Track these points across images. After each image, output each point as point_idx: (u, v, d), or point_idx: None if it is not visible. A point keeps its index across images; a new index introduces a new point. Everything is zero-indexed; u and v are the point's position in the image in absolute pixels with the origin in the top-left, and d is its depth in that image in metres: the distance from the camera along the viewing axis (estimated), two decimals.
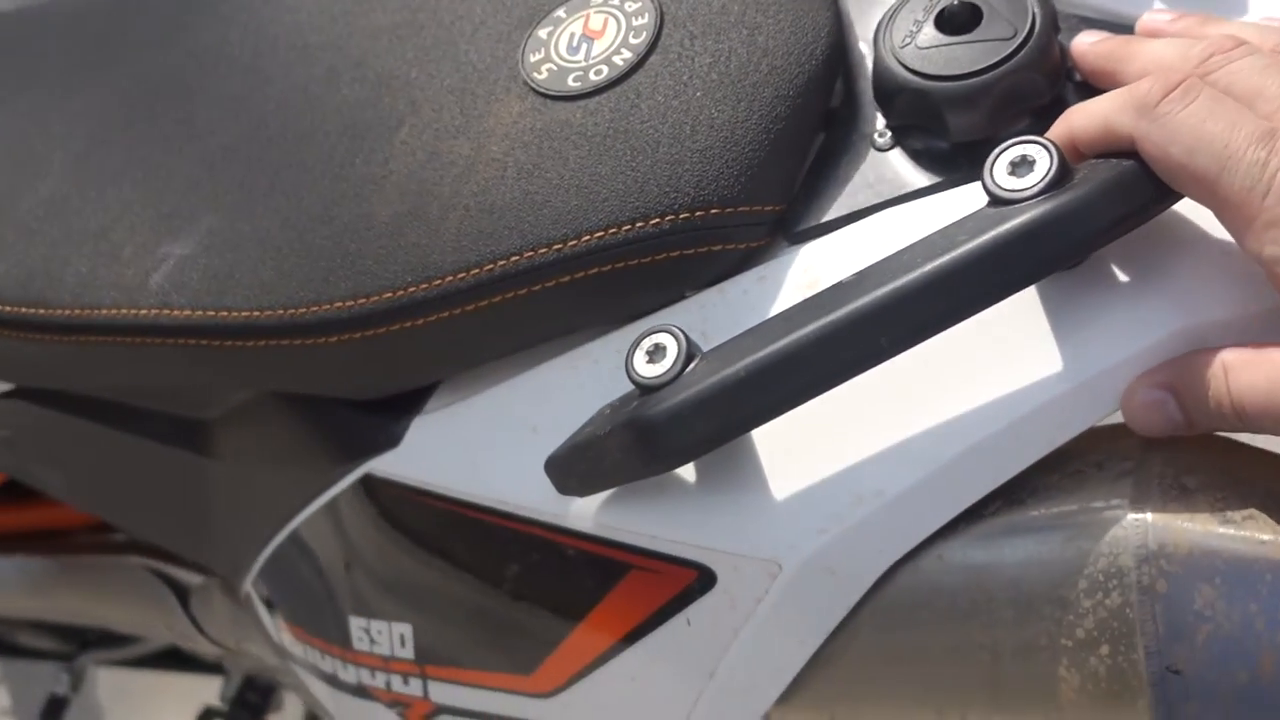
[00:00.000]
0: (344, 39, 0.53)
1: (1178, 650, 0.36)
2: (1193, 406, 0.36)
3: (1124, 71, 0.39)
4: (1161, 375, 0.37)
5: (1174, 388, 0.37)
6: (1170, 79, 0.36)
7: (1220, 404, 0.36)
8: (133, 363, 0.53)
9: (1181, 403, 0.37)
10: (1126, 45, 0.40)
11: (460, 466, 0.48)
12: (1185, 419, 0.37)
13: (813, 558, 0.41)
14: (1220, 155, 0.34)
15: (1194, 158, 0.34)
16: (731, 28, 0.45)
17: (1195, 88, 0.35)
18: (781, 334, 0.38)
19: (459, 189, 0.45)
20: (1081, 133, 0.37)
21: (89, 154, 0.55)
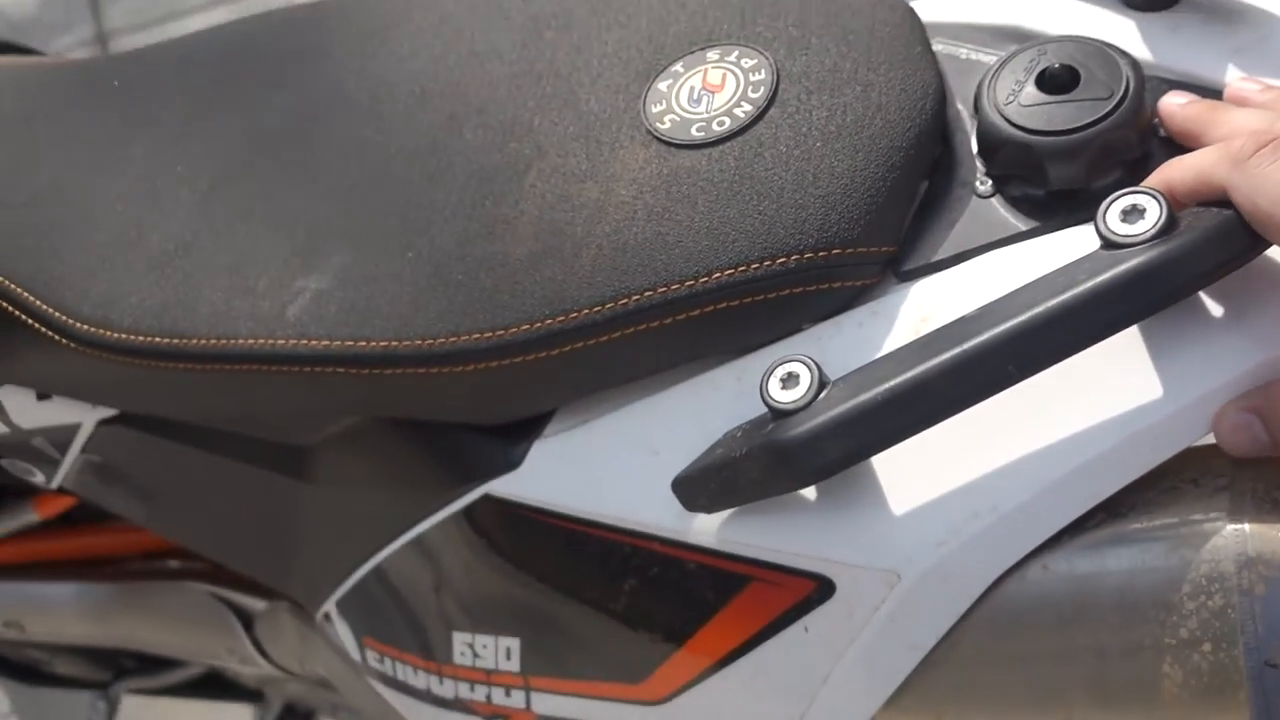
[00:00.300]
0: (463, 87, 0.57)
1: (1276, 646, 0.40)
2: (1277, 428, 0.41)
3: (1209, 134, 0.44)
4: (1249, 400, 0.42)
5: (1260, 411, 0.41)
6: (1262, 138, 0.40)
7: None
8: (264, 391, 0.56)
9: (1267, 425, 0.41)
10: (1213, 110, 0.44)
11: (581, 487, 0.52)
12: (1271, 440, 0.41)
13: (931, 569, 0.45)
14: None
15: (1278, 208, 0.39)
16: (845, 84, 0.49)
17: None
18: (915, 362, 0.42)
19: (591, 229, 0.49)
20: (1179, 184, 0.42)
21: (214, 192, 0.59)
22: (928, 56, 0.50)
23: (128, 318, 0.57)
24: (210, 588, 0.87)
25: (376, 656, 0.67)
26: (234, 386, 0.57)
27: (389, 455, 0.60)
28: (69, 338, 0.58)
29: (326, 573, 0.67)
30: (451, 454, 0.56)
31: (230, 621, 0.86)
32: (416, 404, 0.55)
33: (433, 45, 0.59)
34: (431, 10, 0.61)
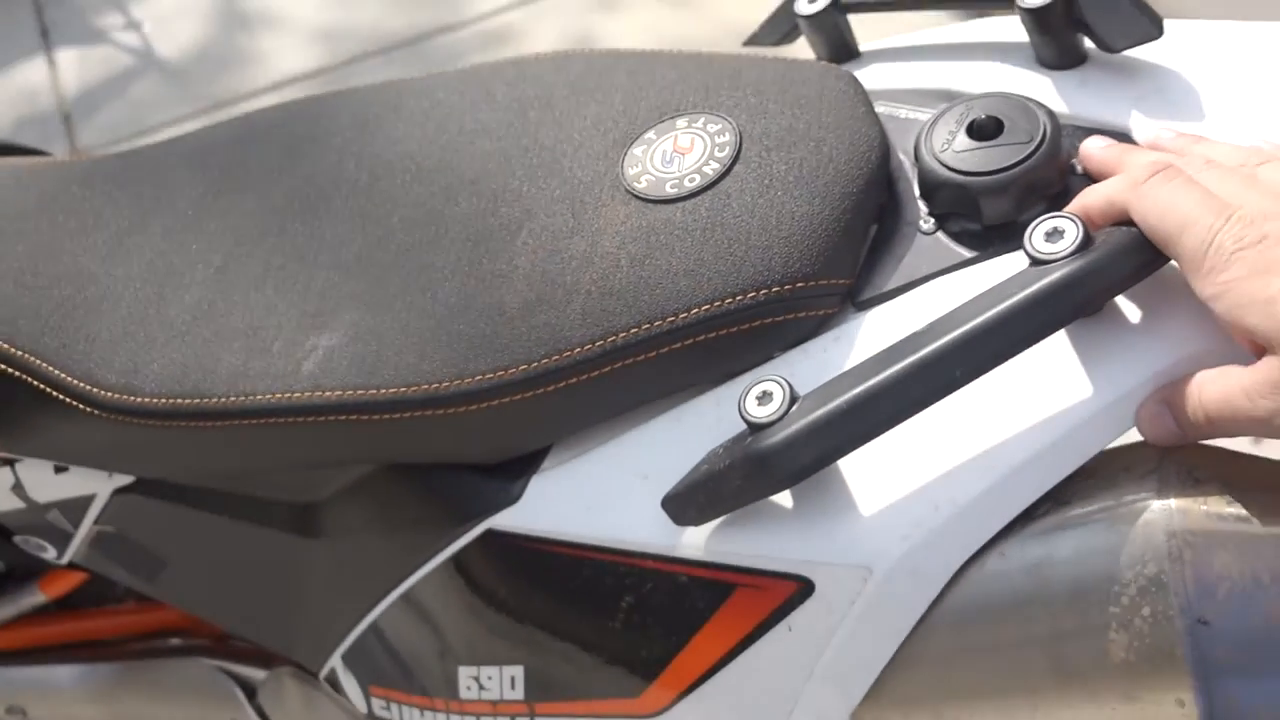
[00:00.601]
0: (455, 163, 0.63)
1: (1205, 605, 0.45)
2: (1181, 417, 0.47)
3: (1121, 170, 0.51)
4: (1161, 394, 0.48)
5: (1169, 403, 0.47)
6: (1156, 166, 0.47)
7: (1196, 413, 0.46)
8: (280, 445, 0.61)
9: (1175, 415, 0.47)
10: (1126, 151, 0.51)
11: (578, 514, 0.57)
12: (1179, 428, 0.47)
13: (899, 561, 0.50)
14: (1182, 221, 0.45)
15: (1164, 221, 0.46)
16: (800, 141, 0.55)
17: (1175, 173, 0.47)
18: (874, 373, 0.47)
19: (579, 278, 0.55)
20: (1093, 208, 0.49)
21: (228, 266, 0.64)
22: (871, 115, 0.57)
23: (151, 383, 0.62)
24: (212, 661, 0.90)
25: (383, 704, 0.70)
26: (252, 442, 0.62)
27: (394, 501, 0.64)
28: (95, 406, 0.63)
29: (332, 627, 0.71)
30: (454, 494, 0.61)
31: (234, 693, 0.88)
32: (424, 447, 0.59)
33: (425, 127, 0.65)
34: (423, 97, 0.67)
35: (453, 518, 0.61)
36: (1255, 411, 0.43)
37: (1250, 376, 0.44)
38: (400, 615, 0.66)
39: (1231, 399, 0.44)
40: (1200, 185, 0.46)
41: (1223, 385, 0.45)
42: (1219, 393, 0.45)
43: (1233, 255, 0.43)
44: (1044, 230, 0.47)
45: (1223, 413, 0.45)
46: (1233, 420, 0.45)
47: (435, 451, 0.60)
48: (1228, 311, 0.44)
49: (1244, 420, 0.44)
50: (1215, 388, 0.45)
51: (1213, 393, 0.45)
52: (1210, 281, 0.44)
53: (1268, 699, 0.45)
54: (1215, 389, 0.45)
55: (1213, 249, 0.44)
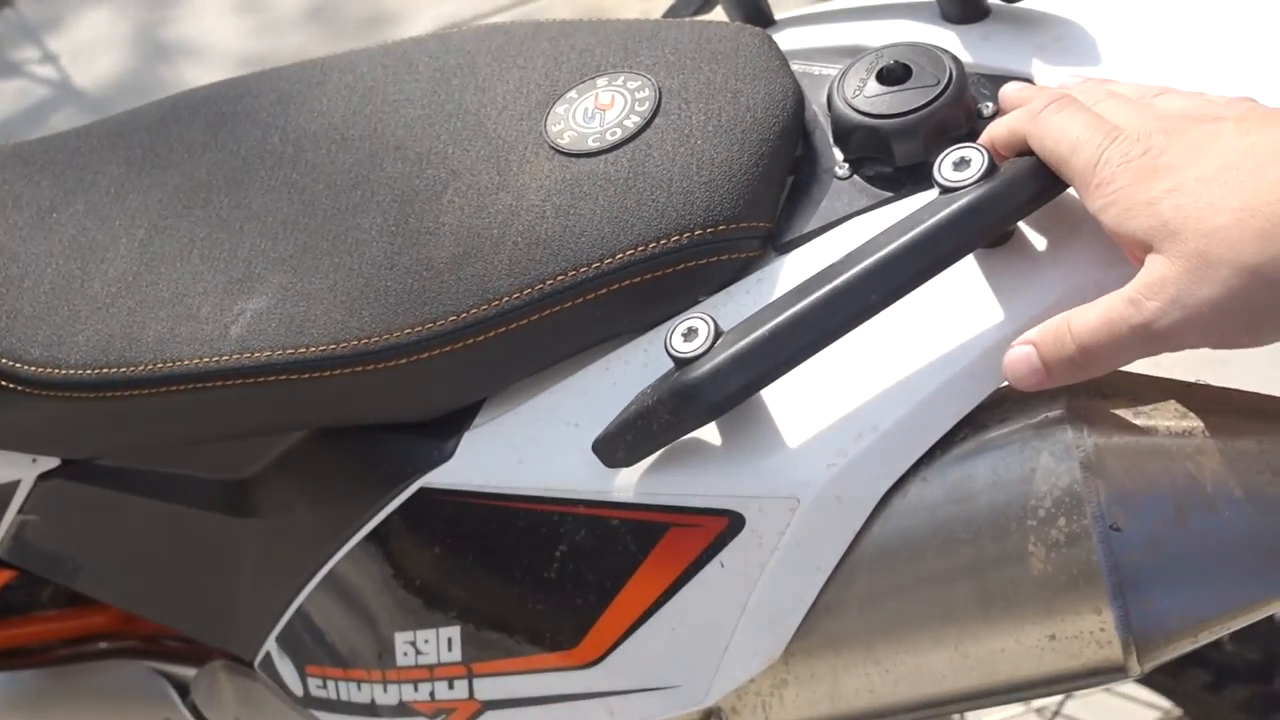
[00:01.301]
0: (380, 130, 0.63)
1: (1116, 511, 0.47)
2: (1048, 355, 0.46)
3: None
4: (1027, 336, 0.47)
5: (1034, 343, 0.47)
6: (1052, 96, 0.49)
7: (1065, 347, 0.46)
8: (210, 412, 0.61)
9: (1041, 354, 0.47)
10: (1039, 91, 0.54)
11: (511, 466, 0.57)
12: (1044, 367, 0.47)
13: (825, 489, 0.51)
14: (1074, 142, 0.47)
15: (1059, 145, 0.48)
16: (718, 93, 0.57)
17: (1069, 102, 0.49)
18: (793, 303, 0.49)
19: (506, 230, 0.56)
20: (997, 138, 0.51)
21: (152, 239, 0.64)
22: (785, 68, 0.59)
23: (76, 355, 0.61)
24: (143, 662, 0.89)
25: (319, 683, 0.70)
26: (182, 410, 0.61)
27: (324, 469, 0.64)
28: (18, 382, 0.62)
29: (265, 610, 0.71)
30: (386, 455, 0.61)
31: (166, 692, 0.87)
32: (356, 406, 0.60)
33: (350, 100, 0.66)
34: (346, 72, 0.68)
35: (385, 480, 0.61)
36: (1141, 315, 0.43)
37: (1133, 284, 0.44)
38: (334, 588, 0.66)
39: (1113, 316, 0.44)
40: (1092, 111, 0.49)
41: (1097, 310, 0.45)
42: (1095, 318, 0.45)
43: (1119, 168, 0.45)
44: (952, 160, 0.49)
45: (1098, 336, 0.45)
46: (1112, 339, 0.44)
47: (367, 411, 0.60)
48: (1115, 221, 0.45)
49: (1127, 333, 0.44)
50: (1087, 316, 0.45)
51: (1084, 323, 0.45)
52: (1099, 194, 0.45)
53: (1180, 600, 0.47)
54: (1087, 318, 0.45)
55: (1101, 164, 0.45)
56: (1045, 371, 0.47)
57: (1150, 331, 0.44)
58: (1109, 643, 0.48)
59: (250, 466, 0.68)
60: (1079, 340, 0.45)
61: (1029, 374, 0.47)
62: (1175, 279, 0.42)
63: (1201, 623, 0.48)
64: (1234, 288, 0.41)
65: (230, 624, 0.74)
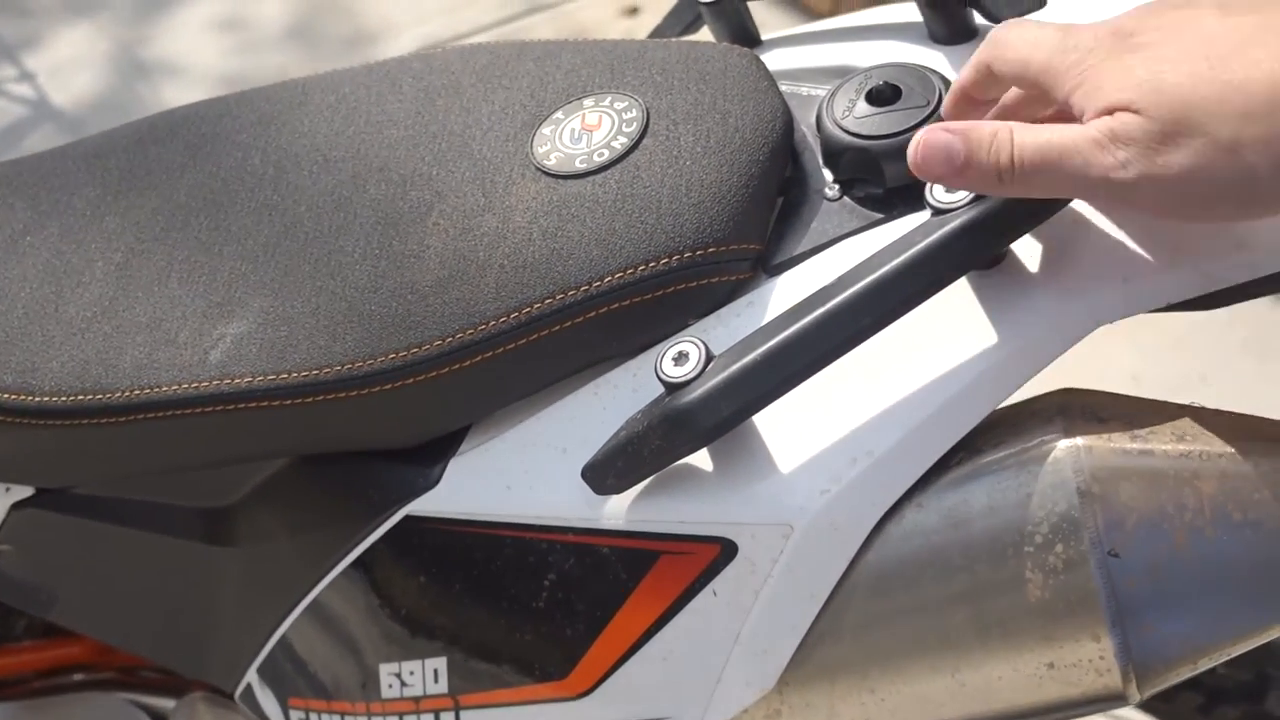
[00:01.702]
0: (363, 151, 0.63)
1: (1114, 537, 0.46)
2: (976, 154, 0.44)
3: None
4: (955, 125, 0.45)
5: (963, 133, 0.44)
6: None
7: (1002, 155, 0.43)
8: (189, 439, 0.60)
9: (968, 149, 0.44)
10: None
11: (498, 493, 0.56)
12: (963, 165, 0.44)
13: (819, 516, 0.50)
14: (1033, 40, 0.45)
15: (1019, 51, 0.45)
16: (706, 114, 0.56)
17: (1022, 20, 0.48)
18: (785, 327, 0.48)
19: (492, 253, 0.55)
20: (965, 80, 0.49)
21: (130, 262, 0.63)
22: (774, 88, 0.58)
23: (50, 381, 0.60)
24: (121, 694, 0.87)
25: (302, 715, 0.69)
26: (160, 438, 0.60)
27: (307, 497, 0.63)
28: None
29: (246, 641, 0.69)
30: (370, 482, 0.60)
31: None
32: (339, 432, 0.59)
33: (332, 120, 0.65)
34: (328, 92, 0.67)
35: (369, 507, 0.60)
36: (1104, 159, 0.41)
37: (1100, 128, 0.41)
38: (317, 618, 0.65)
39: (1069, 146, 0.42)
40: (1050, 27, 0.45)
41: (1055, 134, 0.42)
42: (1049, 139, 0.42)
43: (1089, 51, 0.43)
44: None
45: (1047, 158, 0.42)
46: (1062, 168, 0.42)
47: (350, 437, 0.59)
48: (1085, 97, 0.42)
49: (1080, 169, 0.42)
50: (1039, 133, 0.43)
51: (1036, 137, 0.43)
52: (1069, 77, 0.43)
53: (1180, 627, 0.47)
54: (1039, 134, 0.43)
55: (1069, 49, 0.43)
56: (961, 170, 0.44)
57: (1107, 179, 0.41)
58: (1108, 670, 0.47)
59: (230, 494, 0.67)
60: (1022, 153, 0.43)
61: (941, 165, 0.45)
62: (1148, 136, 0.40)
63: (1202, 649, 0.47)
64: (1207, 159, 0.40)
65: (209, 655, 0.73)
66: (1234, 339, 1.57)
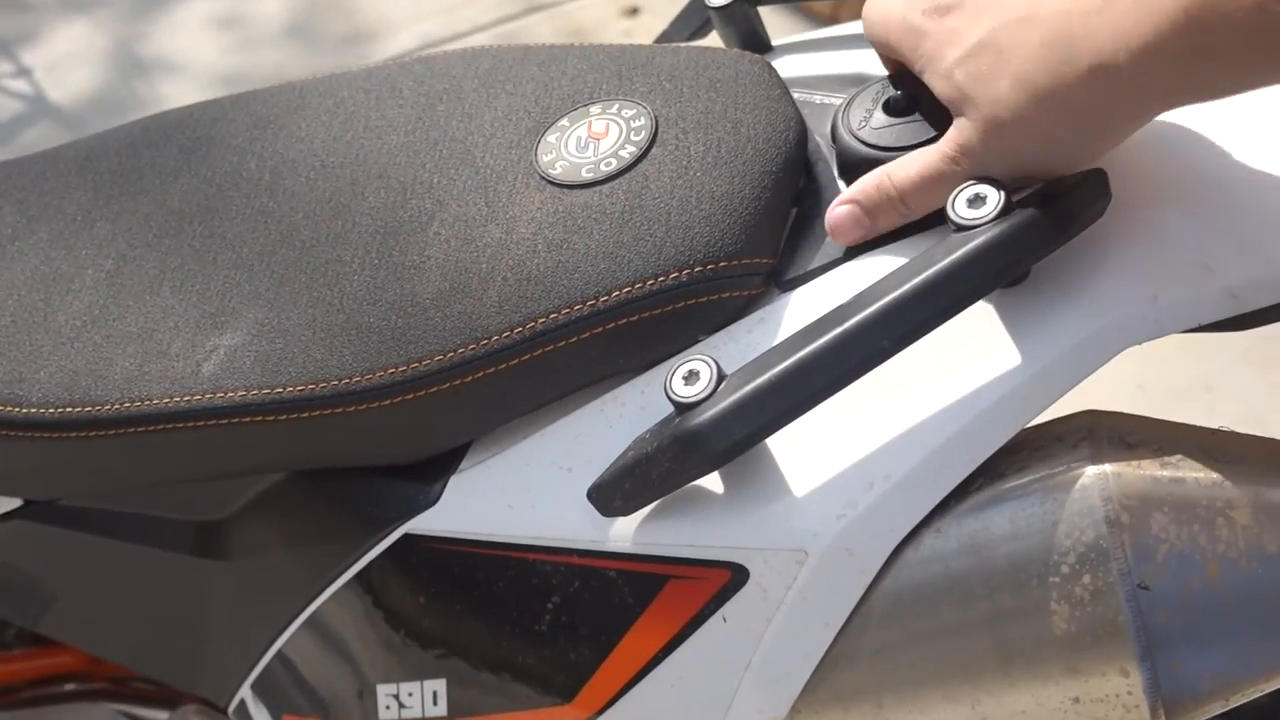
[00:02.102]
0: (362, 157, 0.61)
1: (1144, 568, 0.45)
2: (871, 209, 0.51)
3: None
4: (847, 195, 0.51)
5: (857, 200, 0.51)
6: None
7: (889, 198, 0.50)
8: (180, 453, 0.58)
9: (864, 208, 0.51)
10: None
11: (500, 512, 0.54)
12: (869, 220, 0.51)
13: (835, 541, 0.48)
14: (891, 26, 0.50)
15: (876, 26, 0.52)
16: (717, 123, 0.55)
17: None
18: (801, 346, 0.46)
19: (495, 265, 0.53)
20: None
21: (121, 269, 0.61)
22: (787, 97, 0.56)
23: (38, 392, 0.58)
24: (112, 705, 0.85)
25: None
26: (150, 452, 0.58)
27: (303, 512, 0.61)
28: None
29: (240, 656, 0.67)
30: (368, 499, 0.58)
31: None
32: (335, 448, 0.57)
33: (330, 125, 0.63)
34: (326, 96, 0.65)
35: (367, 525, 0.58)
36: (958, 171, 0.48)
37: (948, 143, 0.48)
38: (313, 635, 0.63)
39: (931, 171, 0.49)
40: None
41: (917, 166, 0.49)
42: (915, 173, 0.49)
43: (925, 30, 0.48)
44: (966, 196, 0.47)
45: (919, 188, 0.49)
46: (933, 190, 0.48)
47: (347, 453, 0.57)
48: (929, 82, 0.49)
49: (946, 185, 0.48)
50: (906, 168, 0.50)
51: (903, 173, 0.50)
52: (915, 59, 0.49)
53: (1211, 663, 0.45)
54: (906, 169, 0.50)
55: (909, 28, 0.49)
56: (872, 224, 0.51)
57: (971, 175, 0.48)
58: (1136, 706, 0.46)
59: (224, 508, 0.65)
60: (901, 191, 0.50)
61: (855, 229, 0.51)
62: (977, 141, 0.47)
63: (1235, 685, 0.45)
64: (1022, 140, 0.46)
65: (202, 669, 0.71)
66: (1238, 347, 1.55)
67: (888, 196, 0.50)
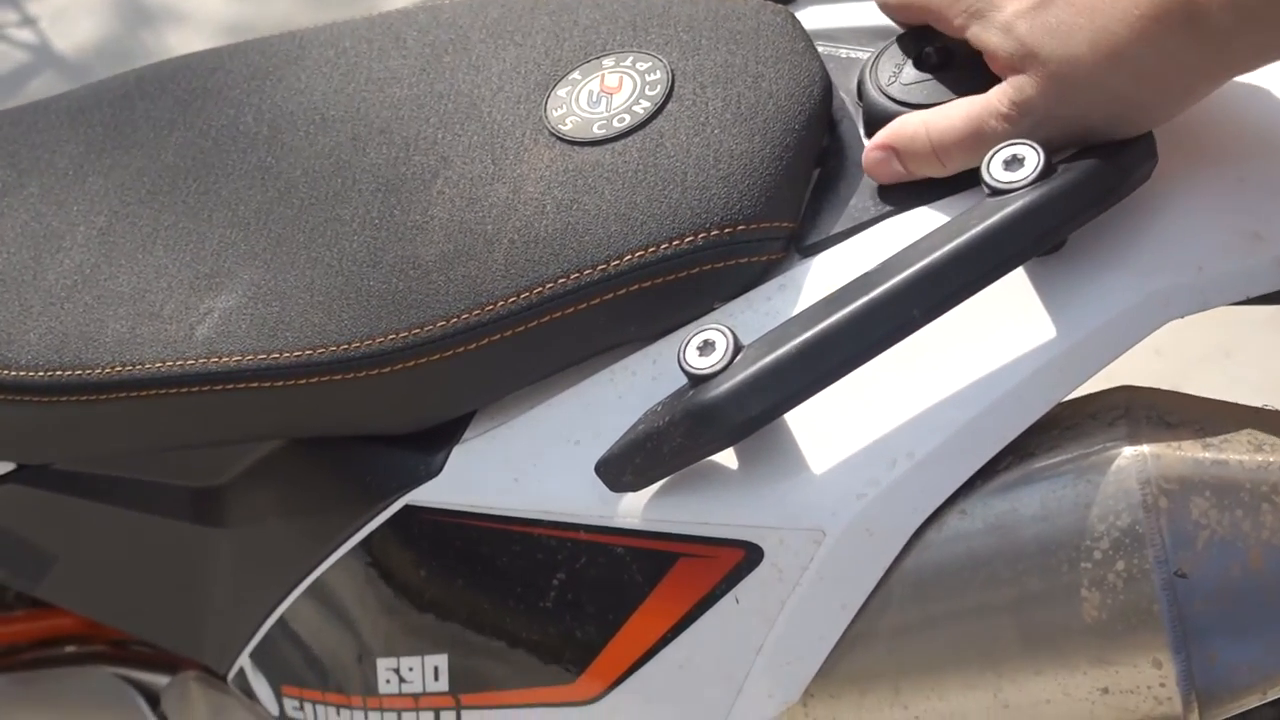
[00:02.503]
0: (364, 110, 0.58)
1: (1182, 555, 0.42)
2: (906, 158, 0.48)
3: None
4: (882, 137, 0.49)
5: (892, 146, 0.48)
6: None
7: (925, 150, 0.47)
8: (174, 419, 0.56)
9: (899, 155, 0.48)
10: None
11: (505, 484, 0.52)
12: (903, 168, 0.48)
13: (854, 522, 0.46)
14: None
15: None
16: (737, 77, 0.52)
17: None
18: (824, 316, 0.44)
19: (502, 226, 0.51)
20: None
21: (113, 227, 0.58)
22: (811, 50, 0.53)
23: (26, 354, 0.56)
24: (112, 669, 0.84)
25: (296, 704, 0.65)
26: (143, 417, 0.56)
27: (302, 481, 0.59)
28: None
29: (239, 624, 0.66)
30: (368, 469, 0.56)
31: (135, 701, 0.82)
32: (334, 417, 0.54)
33: (331, 77, 0.60)
34: (327, 46, 0.62)
35: (367, 495, 0.56)
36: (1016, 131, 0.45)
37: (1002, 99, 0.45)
38: (312, 606, 0.61)
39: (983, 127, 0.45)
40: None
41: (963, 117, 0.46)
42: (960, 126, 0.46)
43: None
44: (1002, 158, 0.44)
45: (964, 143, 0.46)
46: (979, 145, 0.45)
47: (346, 422, 0.55)
48: (976, 35, 0.46)
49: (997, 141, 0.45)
50: (944, 119, 0.47)
51: (940, 125, 0.47)
52: (957, 11, 0.47)
53: (1249, 654, 0.42)
54: (943, 120, 0.47)
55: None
56: (907, 170, 0.49)
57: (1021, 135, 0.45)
58: (1169, 699, 0.43)
59: (221, 474, 0.63)
60: (938, 145, 0.47)
61: (891, 174, 0.49)
62: (1041, 101, 0.44)
63: (1273, 677, 0.43)
64: (1094, 102, 0.44)
65: (201, 635, 0.69)
66: (1259, 313, 1.52)
67: (924, 148, 0.47)
